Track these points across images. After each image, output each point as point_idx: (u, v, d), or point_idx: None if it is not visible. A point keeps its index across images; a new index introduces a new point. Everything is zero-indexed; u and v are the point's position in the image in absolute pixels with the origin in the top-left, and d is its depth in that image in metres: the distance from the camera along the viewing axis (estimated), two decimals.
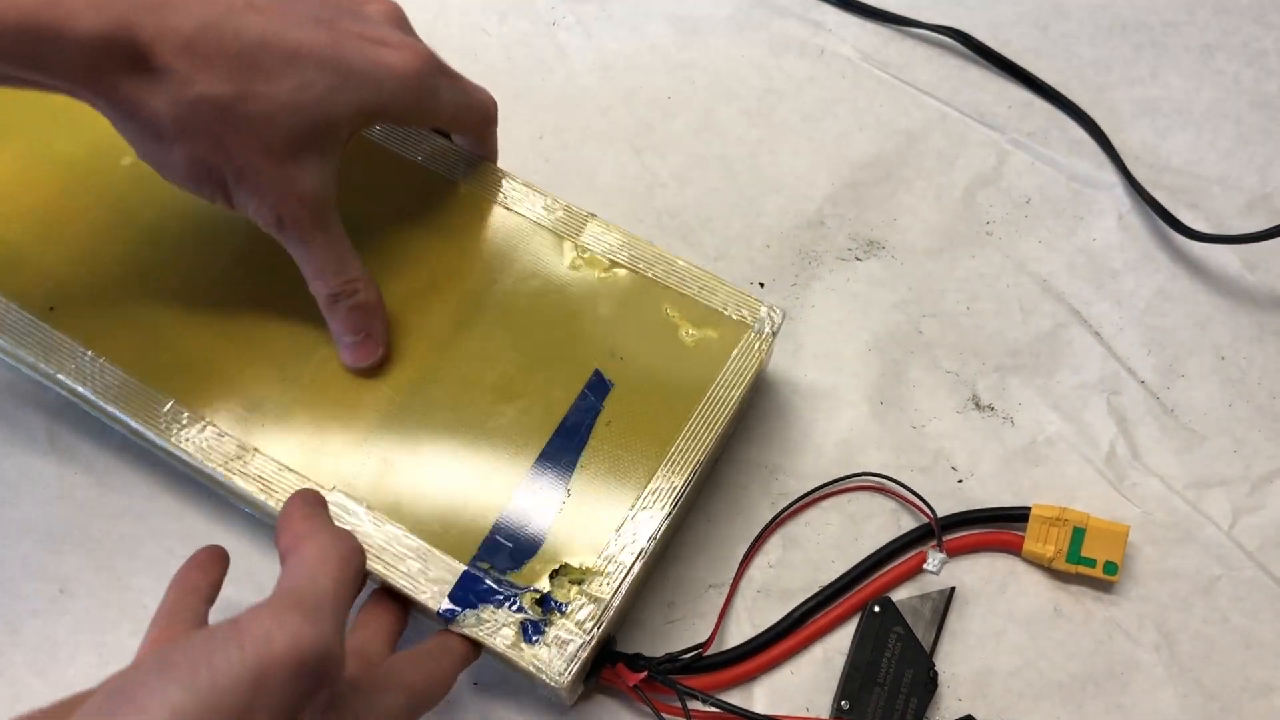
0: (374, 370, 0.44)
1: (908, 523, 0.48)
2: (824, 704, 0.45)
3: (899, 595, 0.46)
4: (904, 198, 0.57)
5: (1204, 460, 0.50)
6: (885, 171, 0.58)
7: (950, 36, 0.61)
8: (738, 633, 0.46)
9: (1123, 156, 0.58)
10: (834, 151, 0.59)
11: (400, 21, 0.43)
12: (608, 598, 0.41)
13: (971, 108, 0.60)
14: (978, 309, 0.54)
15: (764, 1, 0.64)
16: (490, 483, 0.42)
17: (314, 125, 0.38)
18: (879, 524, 0.48)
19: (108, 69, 0.35)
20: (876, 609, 0.45)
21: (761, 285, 0.54)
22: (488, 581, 0.40)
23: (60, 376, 0.44)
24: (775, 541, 0.48)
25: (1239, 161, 0.58)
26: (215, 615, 0.38)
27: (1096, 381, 0.52)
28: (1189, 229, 0.54)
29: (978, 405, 0.51)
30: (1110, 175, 0.58)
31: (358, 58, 0.39)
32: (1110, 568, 0.45)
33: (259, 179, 0.38)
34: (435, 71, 0.42)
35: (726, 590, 0.47)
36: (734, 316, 0.46)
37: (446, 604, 0.40)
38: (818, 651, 0.46)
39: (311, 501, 0.37)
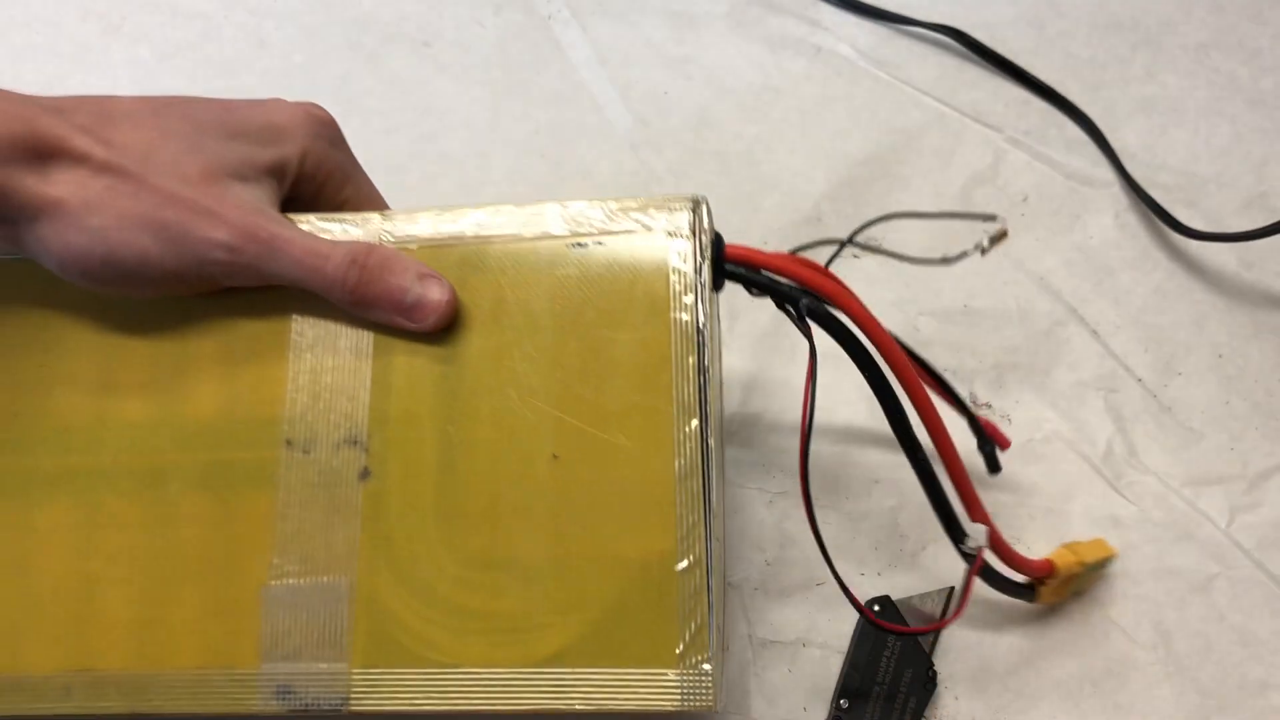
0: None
1: (907, 520, 0.48)
2: (823, 703, 0.44)
3: (899, 594, 0.46)
4: (901, 196, 0.57)
5: (1201, 458, 0.50)
6: (882, 169, 0.58)
7: (947, 35, 0.61)
8: (734, 631, 0.46)
9: (1119, 155, 0.58)
10: (831, 149, 0.59)
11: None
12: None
13: (968, 106, 0.60)
14: (975, 307, 0.54)
15: None
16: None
17: (225, 161, 0.35)
18: (877, 523, 0.48)
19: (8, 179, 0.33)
20: (876, 607, 0.44)
21: None
22: None
23: None
24: (773, 539, 0.48)
25: (1235, 159, 0.58)
26: None
27: (1093, 379, 0.52)
28: (1186, 227, 0.54)
29: (975, 403, 0.51)
30: (1107, 173, 0.58)
31: (260, 110, 0.38)
32: (1108, 562, 0.46)
33: (193, 210, 0.34)
34: (338, 134, 0.40)
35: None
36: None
37: None
38: (815, 651, 0.46)
39: None
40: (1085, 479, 0.49)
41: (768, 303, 0.54)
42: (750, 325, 0.53)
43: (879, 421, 0.50)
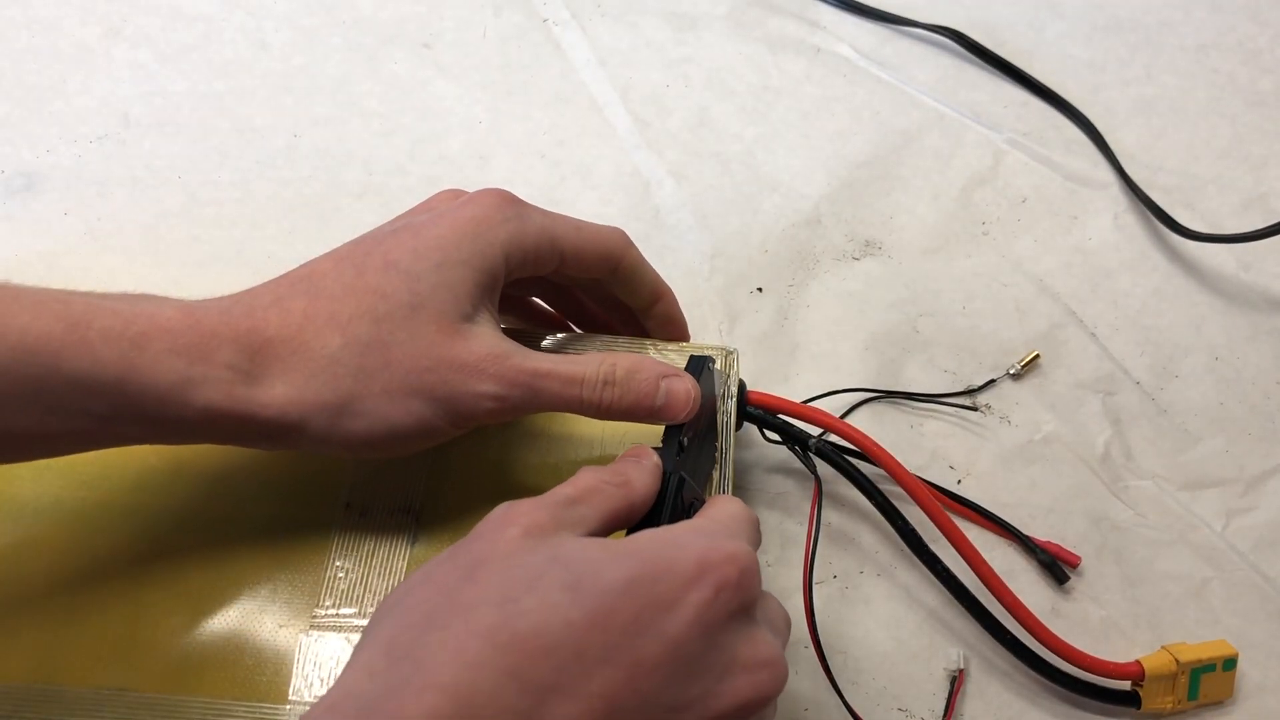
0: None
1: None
2: (824, 702, 0.45)
3: (900, 598, 0.46)
4: (900, 197, 0.57)
5: (1197, 461, 0.50)
6: (882, 170, 0.58)
7: (946, 36, 0.61)
8: None
9: (1118, 156, 0.58)
10: (831, 150, 0.59)
11: (463, 193, 0.41)
12: None
13: (968, 107, 0.60)
14: (974, 308, 0.54)
15: None
16: None
17: (446, 307, 0.35)
18: (876, 521, 0.49)
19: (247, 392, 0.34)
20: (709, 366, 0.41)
21: (760, 290, 0.54)
22: None
23: None
24: (774, 539, 0.48)
25: (1234, 160, 0.58)
26: None
27: (1092, 382, 0.52)
28: (1184, 228, 0.54)
29: (974, 403, 0.51)
30: (1106, 174, 0.58)
31: (448, 231, 0.37)
32: (1229, 663, 0.44)
33: (450, 369, 0.35)
34: (519, 201, 0.39)
35: None
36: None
37: None
38: (810, 650, 0.46)
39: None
40: (1083, 483, 0.49)
41: (767, 304, 0.54)
42: (750, 326, 0.53)
43: (879, 421, 0.51)
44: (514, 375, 0.36)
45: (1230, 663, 0.44)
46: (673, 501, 0.34)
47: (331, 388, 0.34)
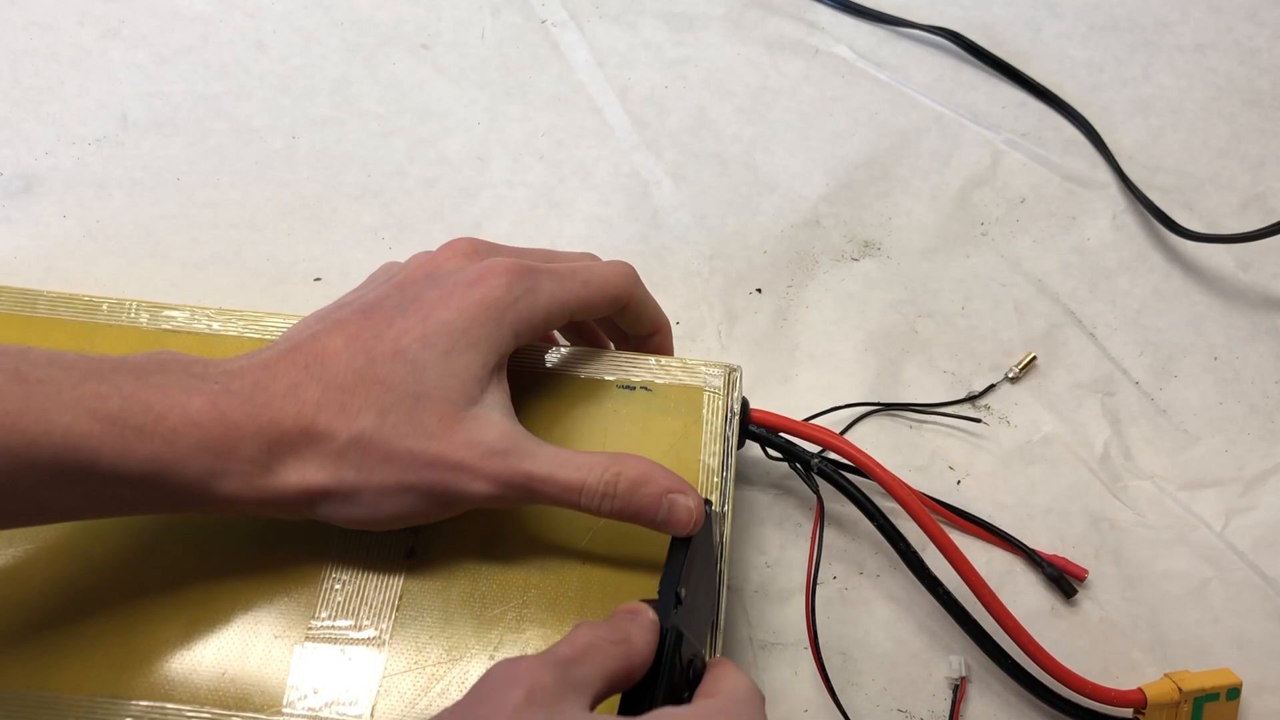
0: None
1: (905, 526, 0.48)
2: (822, 703, 0.45)
3: (896, 601, 0.46)
4: (899, 198, 0.57)
5: (1197, 461, 0.50)
6: (880, 171, 0.58)
7: (944, 37, 0.62)
8: (735, 634, 0.46)
9: (1116, 156, 0.58)
10: (829, 151, 0.59)
11: (473, 252, 0.40)
12: None
13: (966, 108, 0.60)
14: (973, 309, 0.54)
15: (758, 0, 0.64)
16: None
17: (451, 394, 0.36)
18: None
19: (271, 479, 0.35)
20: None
21: (759, 291, 0.54)
22: None
23: None
24: (773, 540, 0.48)
25: (1232, 160, 0.58)
26: None
27: (1091, 382, 0.52)
28: (1183, 228, 0.54)
29: (974, 404, 0.51)
30: (1104, 175, 0.58)
31: (456, 316, 0.36)
32: (1233, 692, 0.44)
33: (446, 468, 0.35)
34: (528, 273, 0.38)
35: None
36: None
37: None
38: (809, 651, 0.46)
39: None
40: (1082, 483, 0.49)
41: (766, 305, 0.54)
42: (749, 327, 0.53)
43: (878, 422, 0.51)
44: (510, 477, 0.36)
45: (1234, 692, 0.43)
46: (670, 660, 0.34)
47: (336, 479, 0.35)
